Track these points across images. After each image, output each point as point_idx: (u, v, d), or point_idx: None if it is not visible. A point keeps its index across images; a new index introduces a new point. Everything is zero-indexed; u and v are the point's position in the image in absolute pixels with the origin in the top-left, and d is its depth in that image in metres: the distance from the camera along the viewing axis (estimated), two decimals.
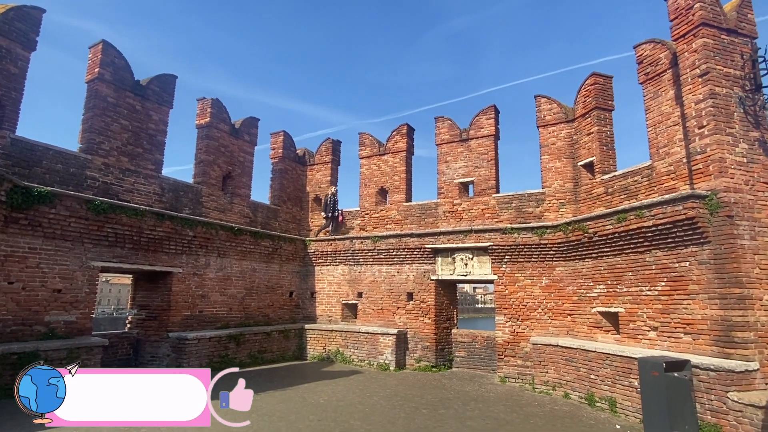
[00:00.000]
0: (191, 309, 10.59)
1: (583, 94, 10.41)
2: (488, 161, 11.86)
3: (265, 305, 12.58)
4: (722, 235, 6.68)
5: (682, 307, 7.16)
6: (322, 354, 12.42)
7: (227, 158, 12.23)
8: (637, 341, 7.92)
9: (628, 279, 8.22)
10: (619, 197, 8.99)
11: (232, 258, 11.66)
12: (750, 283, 6.45)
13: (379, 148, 13.69)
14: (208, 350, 10.26)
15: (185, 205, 10.87)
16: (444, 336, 11.68)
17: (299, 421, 6.60)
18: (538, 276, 10.24)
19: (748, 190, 6.84)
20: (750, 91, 7.29)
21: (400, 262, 12.27)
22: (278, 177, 14.08)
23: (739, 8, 7.65)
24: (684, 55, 7.56)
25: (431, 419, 6.93)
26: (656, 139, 8.33)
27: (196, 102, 12.21)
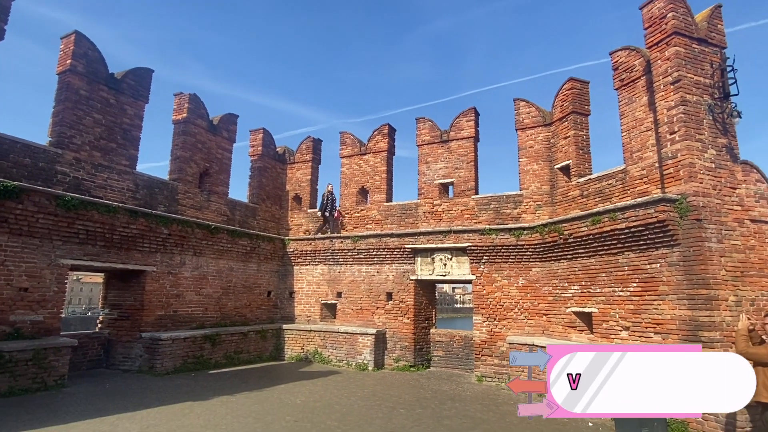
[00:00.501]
0: (165, 309, 10.35)
1: (560, 98, 10.62)
2: (468, 163, 11.97)
3: (242, 305, 12.39)
4: (691, 238, 6.90)
5: (653, 308, 7.37)
6: (300, 354, 12.31)
7: (204, 155, 12.00)
8: (609, 341, 8.11)
9: (602, 280, 8.42)
10: (594, 200, 9.20)
11: (208, 257, 11.45)
12: (716, 284, 6.68)
13: (360, 148, 13.66)
14: (182, 351, 10.05)
15: (160, 202, 10.62)
16: (422, 336, 11.73)
17: (275, 422, 6.51)
18: (515, 276, 10.39)
19: (715, 195, 7.09)
20: (719, 99, 7.55)
21: (380, 262, 12.27)
22: (257, 175, 13.90)
23: (710, 19, 7.92)
24: (657, 63, 7.78)
25: (408, 419, 6.94)
26: (630, 144, 8.55)
27: (173, 97, 11.95)
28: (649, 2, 7.93)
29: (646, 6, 7.98)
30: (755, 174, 7.56)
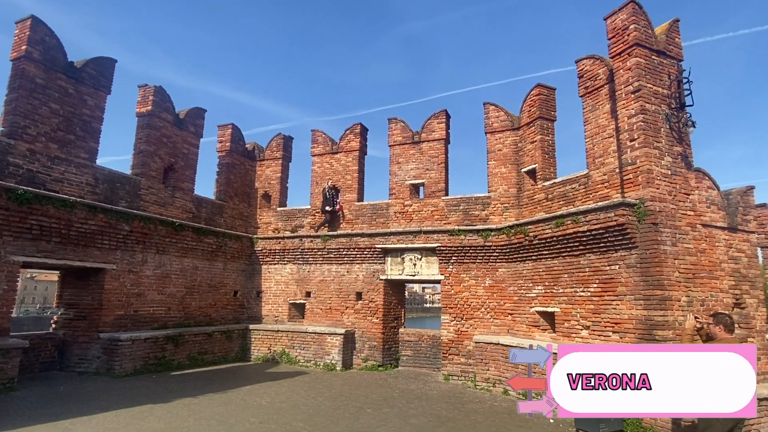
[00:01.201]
0: (125, 308, 9.97)
1: (528, 103, 10.89)
2: (439, 164, 12.10)
3: (207, 305, 12.08)
4: (647, 241, 7.22)
5: (611, 308, 7.67)
6: (266, 355, 12.12)
7: (170, 149, 11.62)
8: (571, 339, 8.38)
9: (564, 281, 8.69)
10: (558, 203, 9.49)
11: (172, 255, 11.10)
12: (670, 285, 7.02)
13: (332, 147, 13.57)
14: (143, 352, 9.71)
15: (122, 197, 10.21)
16: (391, 335, 11.78)
17: (239, 423, 6.39)
18: (482, 277, 10.58)
19: (671, 200, 7.44)
20: (675, 109, 7.94)
21: (350, 262, 12.23)
22: (225, 171, 13.58)
23: (669, 32, 8.32)
24: (619, 72, 8.10)
25: (375, 418, 6.95)
26: (593, 150, 8.86)
27: (138, 89, 11.53)
28: (613, 14, 8.25)
29: (610, 17, 8.30)
30: (707, 181, 8.00)
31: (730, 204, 8.11)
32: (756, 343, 7.63)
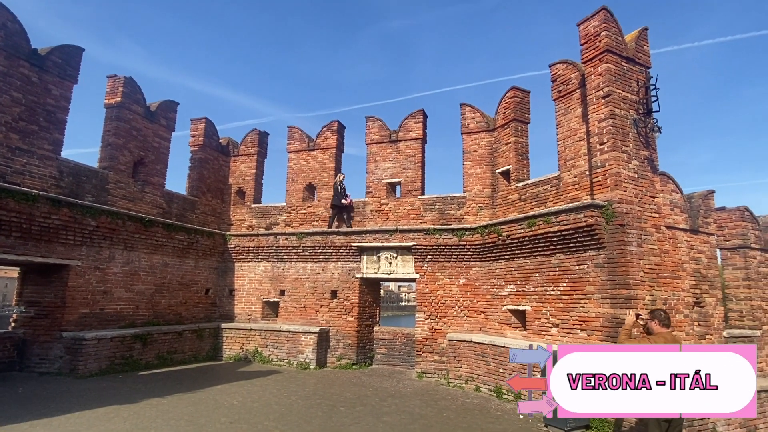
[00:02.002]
0: (90, 306, 9.63)
1: (503, 105, 11.07)
2: (415, 163, 12.16)
3: (178, 303, 11.79)
4: (615, 242, 7.46)
5: (580, 306, 7.90)
6: (239, 354, 11.93)
7: (140, 143, 11.28)
8: (541, 337, 8.59)
9: (535, 279, 8.89)
10: (531, 204, 9.69)
11: (141, 251, 10.78)
12: (635, 284, 7.27)
13: (309, 144, 13.46)
14: (109, 351, 9.40)
15: (88, 191, 9.85)
16: (366, 334, 11.78)
17: (209, 424, 6.27)
18: (456, 275, 10.71)
19: (637, 202, 7.71)
20: (642, 114, 8.22)
21: (325, 260, 12.17)
22: (198, 166, 13.27)
23: (638, 40, 8.60)
24: (591, 77, 8.33)
25: (348, 416, 6.95)
26: (564, 152, 9.08)
27: (106, 79, 11.13)
28: (586, 20, 8.47)
29: (583, 24, 8.52)
30: (671, 185, 8.32)
31: (692, 207, 8.47)
32: (714, 340, 8.01)
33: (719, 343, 8.02)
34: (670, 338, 4.71)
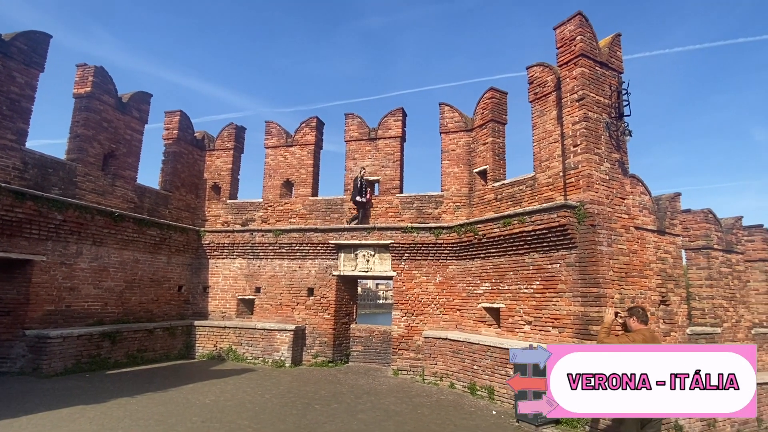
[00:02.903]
0: (56, 303, 9.28)
1: (481, 106, 11.20)
2: (394, 162, 12.18)
3: (149, 300, 11.49)
4: (586, 242, 7.66)
5: (552, 304, 8.08)
6: (212, 352, 11.72)
7: (110, 135, 10.92)
8: (514, 334, 8.75)
9: (510, 278, 9.04)
10: (507, 203, 9.84)
11: (110, 247, 10.45)
12: (605, 283, 7.48)
13: (287, 139, 13.30)
14: (75, 350, 9.08)
15: (54, 184, 9.48)
16: (343, 331, 11.75)
17: (180, 423, 6.14)
18: (433, 273, 10.79)
19: (608, 203, 7.93)
20: (614, 118, 8.45)
21: (302, 257, 12.07)
22: (171, 160, 12.94)
23: (611, 45, 8.83)
24: (566, 81, 8.51)
25: (323, 414, 6.93)
26: (540, 153, 9.26)
27: (76, 68, 10.73)
28: (562, 24, 8.64)
29: (559, 27, 8.69)
30: (641, 187, 8.59)
31: (660, 209, 8.77)
32: (678, 337, 8.32)
33: (682, 340, 8.35)
34: (649, 335, 4.79)
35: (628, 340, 4.80)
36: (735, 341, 9.51)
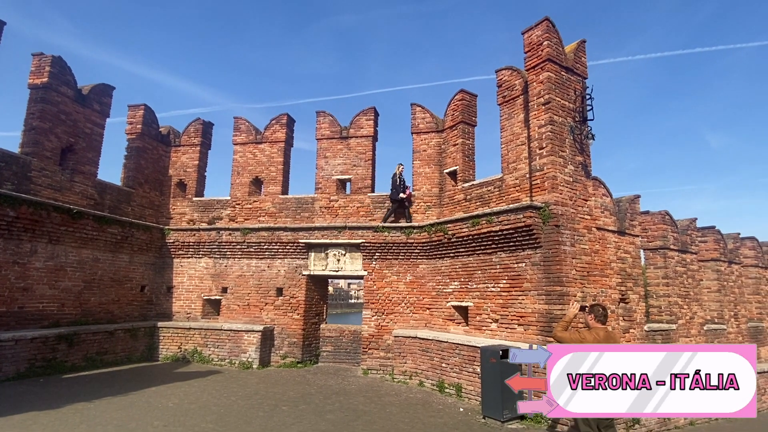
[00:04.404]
0: (8, 304, 8.80)
1: (452, 107, 11.34)
2: (366, 161, 12.17)
3: (110, 301, 11.06)
4: (550, 242, 7.88)
5: (518, 302, 8.27)
6: (177, 354, 11.39)
7: (69, 128, 10.44)
8: (482, 332, 8.91)
9: (478, 277, 9.20)
10: (476, 204, 10.01)
11: (68, 245, 9.99)
12: (568, 282, 7.72)
13: (256, 136, 13.07)
14: (28, 353, 8.64)
15: (7, 178, 8.98)
16: (312, 331, 11.66)
17: (141, 428, 5.94)
18: (403, 273, 10.85)
19: (571, 205, 8.19)
20: (578, 122, 8.73)
21: (271, 257, 11.89)
22: (134, 156, 12.49)
23: (576, 51, 9.11)
24: (533, 85, 8.72)
25: (290, 416, 6.85)
26: (507, 155, 9.45)
27: (32, 57, 10.20)
28: (530, 29, 8.85)
29: (527, 32, 8.90)
30: (602, 189, 8.91)
31: (620, 210, 9.12)
32: (636, 333, 8.68)
33: (640, 336, 8.71)
34: (603, 335, 4.82)
35: (579, 337, 4.88)
36: (689, 337, 10.00)
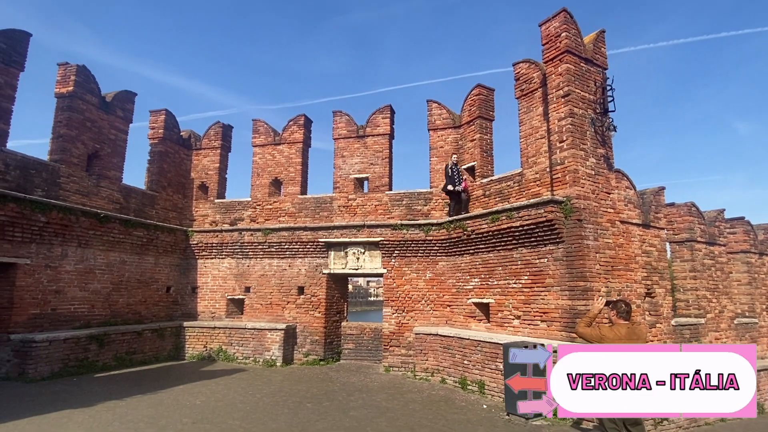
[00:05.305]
0: (41, 306, 9.13)
1: (468, 103, 11.25)
2: (383, 159, 12.19)
3: (137, 301, 11.37)
4: (573, 236, 7.76)
5: (540, 298, 8.18)
6: (202, 353, 11.64)
7: (94, 135, 10.75)
8: (503, 329, 8.84)
9: (498, 273, 9.13)
10: (495, 199, 9.92)
11: (96, 248, 10.30)
12: (592, 277, 7.60)
13: (275, 138, 13.22)
14: (62, 353, 8.96)
15: (37, 185, 9.31)
16: (334, 329, 11.76)
17: (171, 425, 6.11)
18: (423, 270, 10.84)
19: (593, 198, 8.04)
20: (599, 114, 8.56)
21: (292, 256, 12.03)
22: (157, 160, 12.79)
23: (596, 42, 8.93)
24: (551, 77, 8.59)
25: (315, 412, 6.93)
26: (527, 150, 9.33)
27: (57, 67, 10.53)
28: (547, 21, 8.71)
29: (545, 24, 8.76)
30: (625, 181, 8.72)
31: (645, 203, 8.91)
32: (663, 328, 8.48)
33: (668, 331, 8.52)
34: (625, 332, 4.72)
35: (598, 333, 4.79)
36: (718, 331, 9.73)
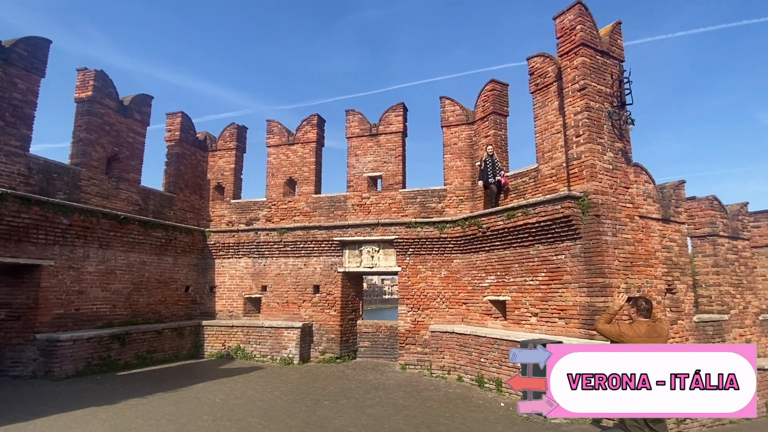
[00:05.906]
0: (65, 307, 9.37)
1: (482, 98, 11.15)
2: (396, 157, 12.17)
3: (157, 301, 11.58)
4: (591, 232, 7.64)
5: (558, 295, 8.08)
6: (221, 351, 11.81)
7: (113, 138, 10.97)
8: (520, 326, 8.76)
9: (515, 270, 9.04)
10: (510, 196, 9.82)
11: (117, 249, 10.52)
12: (611, 273, 7.47)
13: (288, 138, 13.32)
14: (85, 352, 9.18)
15: (59, 189, 9.55)
16: (349, 327, 11.81)
17: (191, 422, 6.21)
18: (438, 268, 10.80)
19: (612, 193, 7.90)
20: (617, 107, 8.40)
21: (307, 255, 12.11)
22: (174, 162, 12.99)
23: (612, 34, 8.76)
24: (567, 71, 8.46)
25: (332, 410, 6.98)
26: (542, 145, 9.22)
27: (76, 72, 10.77)
28: (562, 14, 8.58)
29: (559, 17, 8.63)
30: (644, 175, 8.55)
31: (664, 197, 8.72)
32: (685, 325, 8.31)
33: (689, 327, 8.33)
34: (644, 329, 4.63)
35: (617, 331, 4.71)
36: (743, 328, 9.49)
